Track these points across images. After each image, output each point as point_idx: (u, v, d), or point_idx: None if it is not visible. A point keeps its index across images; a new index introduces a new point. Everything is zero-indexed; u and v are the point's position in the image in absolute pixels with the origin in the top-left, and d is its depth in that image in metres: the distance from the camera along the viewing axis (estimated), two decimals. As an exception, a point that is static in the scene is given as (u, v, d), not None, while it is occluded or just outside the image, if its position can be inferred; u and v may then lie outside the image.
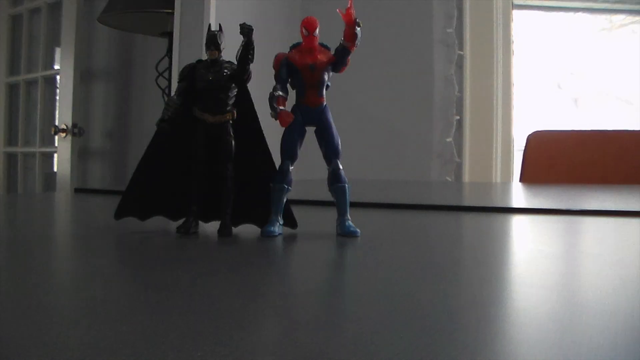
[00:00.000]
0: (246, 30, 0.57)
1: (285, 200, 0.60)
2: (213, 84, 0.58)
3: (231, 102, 0.59)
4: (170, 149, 0.61)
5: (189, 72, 0.60)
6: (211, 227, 0.61)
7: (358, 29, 0.58)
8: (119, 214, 0.61)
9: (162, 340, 0.24)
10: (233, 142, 0.59)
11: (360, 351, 0.24)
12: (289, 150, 0.60)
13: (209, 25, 0.60)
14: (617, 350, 0.25)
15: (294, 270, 0.47)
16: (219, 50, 0.59)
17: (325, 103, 0.61)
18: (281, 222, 0.59)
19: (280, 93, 0.59)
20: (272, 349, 0.25)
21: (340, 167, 0.61)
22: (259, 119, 0.60)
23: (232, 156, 0.59)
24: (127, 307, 0.31)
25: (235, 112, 0.60)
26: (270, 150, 0.60)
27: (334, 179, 0.60)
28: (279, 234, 0.58)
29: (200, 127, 0.59)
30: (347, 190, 0.61)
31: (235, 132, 0.60)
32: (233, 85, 0.59)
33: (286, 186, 0.59)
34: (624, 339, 0.26)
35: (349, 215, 0.61)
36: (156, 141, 0.60)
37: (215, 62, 0.59)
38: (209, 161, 0.59)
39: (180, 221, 0.60)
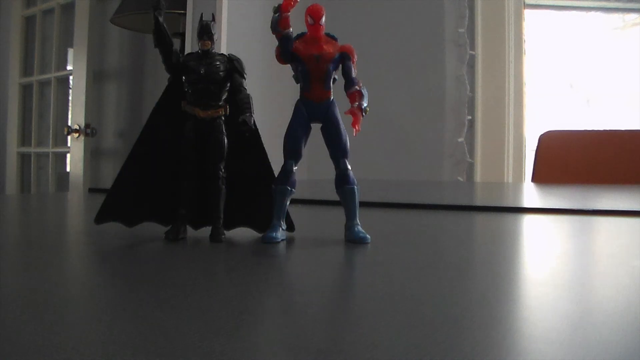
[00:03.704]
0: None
1: (288, 203, 0.55)
2: (205, 76, 0.54)
3: (224, 96, 0.55)
4: (159, 146, 0.56)
5: (177, 61, 0.56)
6: (201, 233, 0.56)
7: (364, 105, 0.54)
8: (100, 218, 0.55)
9: (183, 337, 0.25)
10: (225, 140, 0.55)
11: (370, 348, 0.24)
12: (293, 149, 0.55)
13: (201, 15, 0.56)
14: (628, 348, 0.25)
15: (304, 270, 0.47)
16: (212, 41, 0.55)
17: (332, 97, 0.55)
18: (284, 227, 0.55)
19: None
20: (288, 344, 0.25)
21: (349, 167, 0.55)
22: (254, 116, 0.56)
23: (224, 155, 0.55)
24: (145, 306, 0.31)
25: (228, 107, 0.55)
26: (266, 149, 0.56)
27: (342, 180, 0.55)
28: (282, 239, 0.54)
29: (190, 123, 0.55)
30: (356, 193, 0.55)
31: (228, 129, 0.55)
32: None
33: (289, 188, 0.54)
34: (634, 337, 0.27)
35: (358, 220, 0.55)
36: (144, 138, 0.56)
37: (207, 54, 0.55)
38: (199, 160, 0.55)
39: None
